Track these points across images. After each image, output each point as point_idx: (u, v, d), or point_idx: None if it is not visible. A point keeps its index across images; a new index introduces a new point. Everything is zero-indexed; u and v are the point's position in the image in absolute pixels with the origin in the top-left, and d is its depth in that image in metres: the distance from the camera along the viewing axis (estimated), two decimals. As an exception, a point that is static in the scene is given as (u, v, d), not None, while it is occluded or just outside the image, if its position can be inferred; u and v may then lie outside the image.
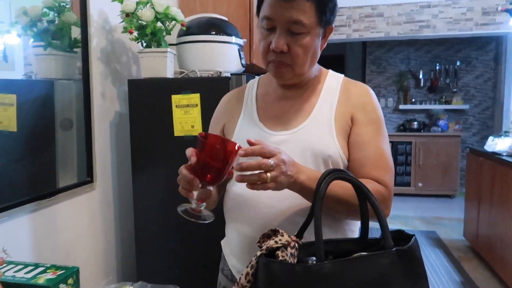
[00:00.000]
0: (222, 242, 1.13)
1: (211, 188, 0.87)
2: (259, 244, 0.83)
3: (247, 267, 0.79)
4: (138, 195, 1.77)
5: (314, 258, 0.77)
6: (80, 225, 1.69)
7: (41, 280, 0.96)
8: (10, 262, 1.06)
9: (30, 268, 1.03)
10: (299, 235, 0.84)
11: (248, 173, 0.80)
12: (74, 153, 1.67)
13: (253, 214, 0.98)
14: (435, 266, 3.35)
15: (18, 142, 1.37)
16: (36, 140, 1.45)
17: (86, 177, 1.70)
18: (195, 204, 0.85)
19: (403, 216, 4.72)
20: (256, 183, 0.81)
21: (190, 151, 0.84)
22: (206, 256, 1.67)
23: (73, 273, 1.01)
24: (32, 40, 1.42)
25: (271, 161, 0.80)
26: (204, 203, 0.86)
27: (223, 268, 1.10)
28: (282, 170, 0.81)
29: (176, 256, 1.75)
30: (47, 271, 1.01)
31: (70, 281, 0.99)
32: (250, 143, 0.83)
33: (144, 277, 1.43)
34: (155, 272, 1.78)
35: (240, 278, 0.79)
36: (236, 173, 0.83)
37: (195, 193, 0.86)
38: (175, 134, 1.66)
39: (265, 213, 0.96)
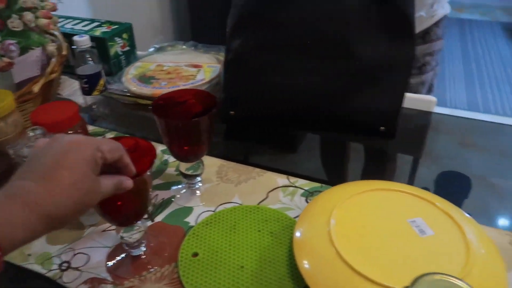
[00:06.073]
0: None
1: None
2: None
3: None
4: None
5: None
6: None
7: (97, 33, 0.98)
8: (67, 17, 1.08)
9: (86, 22, 1.05)
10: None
11: None
12: None
13: None
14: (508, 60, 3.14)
15: None
16: None
17: None
18: None
19: (482, 4, 4.22)
20: None
21: None
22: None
23: (127, 28, 1.02)
24: None
25: None
26: None
27: None
28: None
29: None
30: (102, 25, 1.02)
31: (125, 35, 1.01)
32: None
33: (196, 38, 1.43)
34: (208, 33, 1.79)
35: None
36: None
37: None
38: None
39: None
